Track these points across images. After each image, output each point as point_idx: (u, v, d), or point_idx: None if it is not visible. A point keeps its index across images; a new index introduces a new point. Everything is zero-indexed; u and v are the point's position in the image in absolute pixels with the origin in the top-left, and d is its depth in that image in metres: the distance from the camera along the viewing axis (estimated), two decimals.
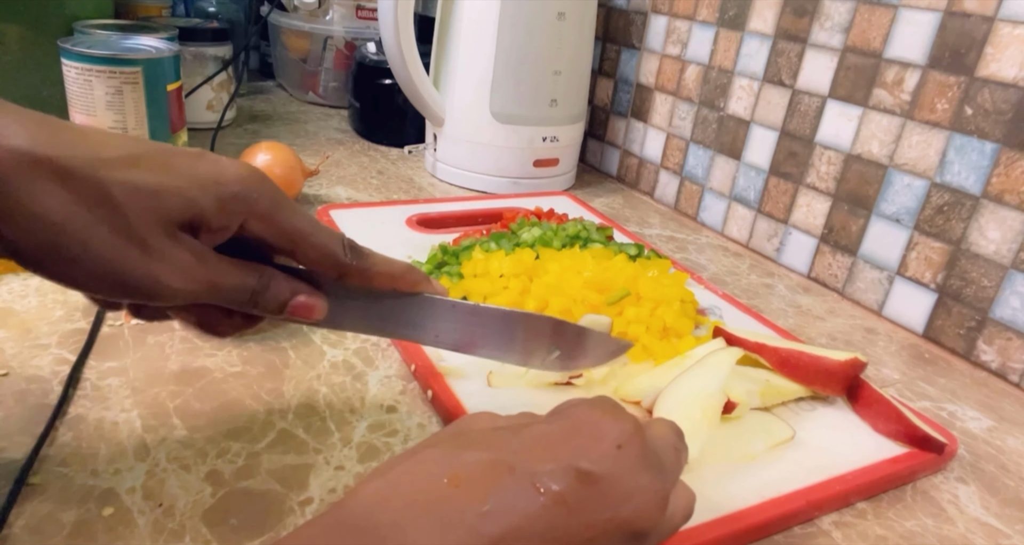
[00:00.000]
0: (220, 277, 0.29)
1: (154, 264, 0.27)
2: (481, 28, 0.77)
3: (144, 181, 0.26)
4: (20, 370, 0.42)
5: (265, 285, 0.31)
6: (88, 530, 0.32)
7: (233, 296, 0.30)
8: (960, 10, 0.55)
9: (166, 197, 0.27)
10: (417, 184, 0.83)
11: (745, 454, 0.40)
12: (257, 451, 0.38)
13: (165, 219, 0.27)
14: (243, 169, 0.29)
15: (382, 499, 0.24)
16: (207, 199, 0.28)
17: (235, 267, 0.30)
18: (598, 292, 0.49)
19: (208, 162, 0.29)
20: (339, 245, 0.32)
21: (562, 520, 0.24)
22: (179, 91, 0.66)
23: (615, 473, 0.25)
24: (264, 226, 0.30)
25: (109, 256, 0.26)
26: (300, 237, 0.31)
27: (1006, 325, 0.54)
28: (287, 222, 0.30)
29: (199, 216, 0.28)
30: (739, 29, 0.74)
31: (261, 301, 0.31)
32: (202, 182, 0.28)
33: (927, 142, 0.58)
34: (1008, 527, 0.39)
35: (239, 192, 0.29)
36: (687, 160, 0.83)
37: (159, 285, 0.27)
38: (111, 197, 0.25)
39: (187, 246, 0.28)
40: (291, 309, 0.32)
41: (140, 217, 0.26)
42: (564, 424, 0.27)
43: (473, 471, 0.24)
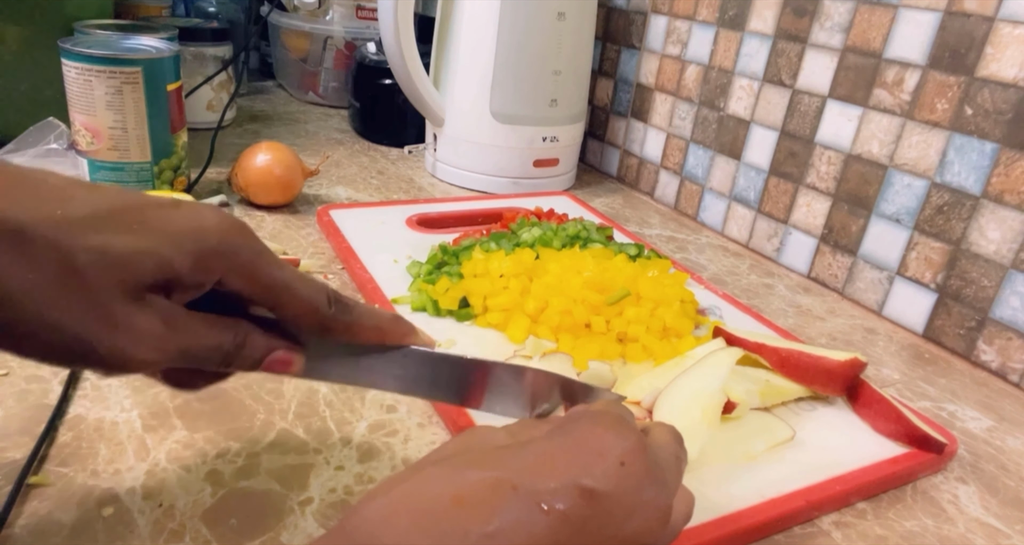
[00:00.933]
0: (191, 341, 0.27)
1: (120, 337, 0.24)
2: (481, 28, 0.77)
3: (111, 246, 0.24)
4: (20, 370, 0.42)
5: (240, 344, 0.28)
6: (88, 530, 0.32)
7: (206, 359, 0.28)
8: (960, 10, 0.55)
9: (136, 261, 0.24)
10: (417, 184, 0.83)
11: (745, 454, 0.40)
12: (257, 451, 0.38)
13: (133, 284, 0.24)
14: (224, 220, 0.27)
15: (385, 519, 0.23)
16: (181, 257, 0.25)
17: (208, 327, 0.27)
18: (598, 292, 0.49)
19: (183, 214, 0.27)
20: (323, 298, 0.29)
21: (566, 539, 0.24)
22: (179, 91, 0.66)
23: (618, 490, 0.25)
24: (243, 281, 0.27)
25: (71, 330, 0.23)
26: (282, 291, 0.28)
27: (1006, 325, 0.54)
28: (268, 276, 0.28)
29: (173, 275, 0.25)
30: (739, 29, 0.74)
31: (235, 360, 0.28)
32: (177, 238, 0.26)
33: (927, 142, 0.58)
34: (1008, 527, 0.39)
35: (217, 246, 0.26)
36: (687, 160, 0.83)
37: (125, 358, 0.25)
38: (73, 264, 0.23)
39: (157, 311, 0.25)
40: (267, 365, 0.29)
41: (105, 285, 0.24)
42: (567, 440, 0.27)
43: (477, 490, 0.24)
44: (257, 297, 0.28)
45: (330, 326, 0.30)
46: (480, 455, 0.26)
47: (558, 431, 0.28)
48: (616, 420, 0.28)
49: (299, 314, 0.29)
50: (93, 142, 0.62)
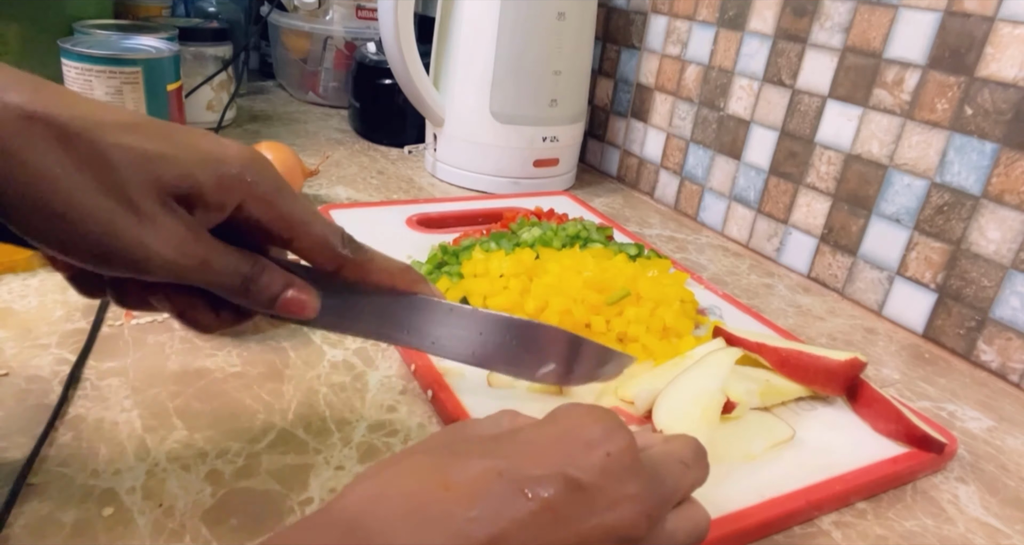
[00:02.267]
0: (213, 255, 0.28)
1: (145, 230, 0.25)
2: (481, 28, 0.77)
3: (142, 146, 0.25)
4: (20, 370, 0.42)
5: (259, 272, 0.29)
6: (88, 530, 0.32)
7: (224, 280, 0.28)
8: (960, 10, 0.55)
9: (163, 164, 0.26)
10: (417, 184, 0.83)
11: (745, 454, 0.40)
12: (257, 451, 0.38)
13: (160, 186, 0.26)
14: (245, 151, 0.28)
15: (371, 500, 0.24)
16: (206, 174, 0.27)
17: (229, 250, 0.29)
18: (598, 292, 0.49)
19: (210, 140, 0.28)
20: (337, 237, 0.31)
21: (549, 526, 0.24)
22: (179, 91, 0.66)
23: (603, 482, 0.25)
24: (263, 209, 0.29)
25: (99, 217, 0.25)
26: (299, 224, 0.30)
27: (1006, 325, 0.54)
28: (286, 208, 0.29)
29: (196, 190, 0.26)
30: (739, 29, 0.74)
31: (253, 289, 0.29)
32: (202, 156, 0.27)
33: (927, 142, 0.58)
34: (1008, 527, 0.39)
35: (240, 172, 0.28)
36: (687, 160, 0.83)
37: (148, 253, 0.26)
38: (106, 158, 0.25)
39: (181, 218, 0.26)
40: (282, 302, 0.30)
41: (134, 181, 0.25)
42: (555, 430, 0.27)
43: (463, 475, 0.24)
44: (274, 229, 0.29)
45: (343, 263, 0.31)
46: (467, 445, 0.27)
47: (548, 420, 0.28)
48: (606, 413, 0.28)
49: (314, 248, 0.30)
50: None
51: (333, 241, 0.31)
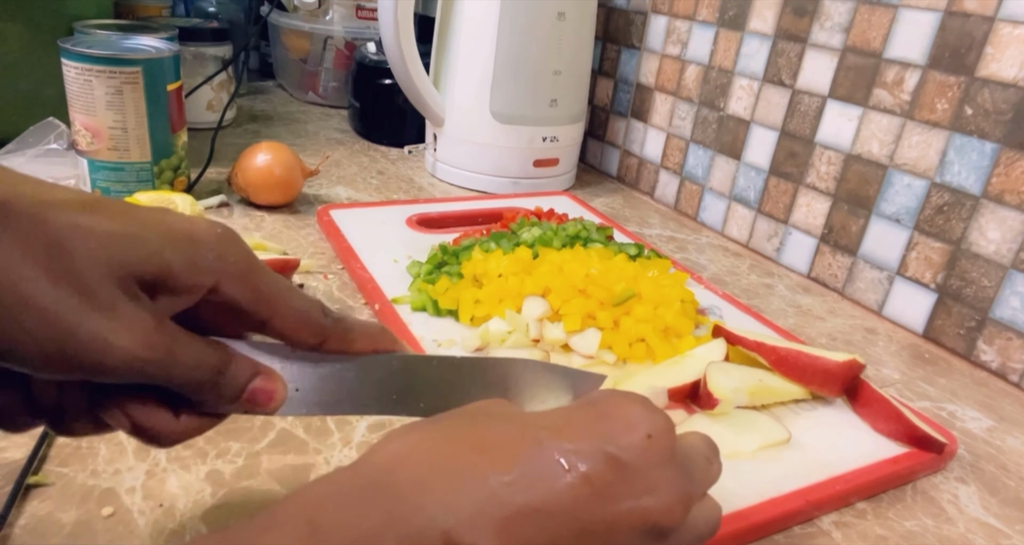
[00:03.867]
0: (180, 347, 0.24)
1: (103, 322, 0.22)
2: (481, 28, 0.77)
3: (100, 226, 0.22)
4: None
5: (227, 361, 0.26)
6: (88, 530, 0.32)
7: (192, 373, 0.25)
8: (960, 10, 0.55)
9: (126, 245, 0.23)
10: (417, 184, 0.83)
11: (733, 452, 0.40)
12: (257, 451, 0.38)
13: (122, 271, 0.22)
14: (216, 227, 0.26)
15: (402, 459, 0.23)
16: (176, 254, 0.24)
17: (194, 338, 0.25)
18: (601, 288, 0.49)
19: (176, 217, 0.25)
20: (317, 309, 0.28)
21: (585, 502, 0.23)
22: (179, 91, 0.66)
23: (642, 463, 0.25)
24: (239, 288, 0.26)
25: (52, 311, 0.21)
26: (278, 299, 0.27)
27: (1006, 325, 0.54)
28: (265, 283, 0.26)
29: (165, 272, 0.23)
30: (739, 29, 0.74)
31: (222, 381, 0.26)
32: (170, 234, 0.24)
33: (927, 142, 0.58)
34: (1008, 527, 0.39)
35: (212, 248, 0.25)
36: (687, 160, 0.83)
37: (107, 349, 0.22)
38: (58, 242, 0.21)
39: (144, 306, 0.23)
40: (250, 393, 0.27)
41: (91, 266, 0.22)
42: (595, 409, 0.26)
43: (499, 440, 0.24)
44: (253, 306, 0.26)
45: (327, 335, 0.28)
46: (503, 412, 0.26)
47: (586, 401, 0.27)
48: (645, 399, 0.27)
49: (296, 323, 0.28)
50: (93, 142, 0.62)
51: (314, 314, 0.28)
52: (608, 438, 0.25)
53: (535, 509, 0.22)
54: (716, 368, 0.44)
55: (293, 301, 0.27)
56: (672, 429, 0.27)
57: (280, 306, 0.27)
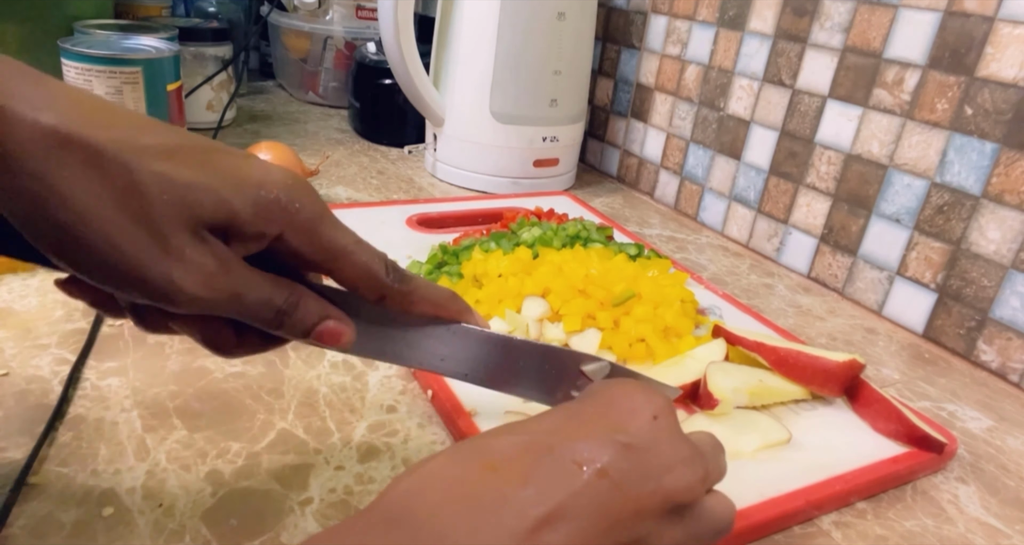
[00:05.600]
0: (244, 289, 0.26)
1: (173, 265, 0.24)
2: (481, 28, 0.77)
3: (177, 174, 0.24)
4: (20, 370, 0.42)
5: (294, 304, 0.28)
6: (88, 530, 0.32)
7: (256, 312, 0.27)
8: (960, 10, 0.55)
9: (199, 194, 0.24)
10: (417, 184, 0.83)
11: (735, 452, 0.40)
12: (257, 451, 0.38)
13: (194, 217, 0.24)
14: (288, 176, 0.27)
15: (416, 492, 0.23)
16: (243, 203, 0.25)
17: (263, 280, 0.27)
18: (601, 288, 0.49)
19: (251, 164, 0.27)
20: (382, 265, 0.29)
21: (607, 495, 0.23)
22: (179, 91, 0.66)
23: (654, 444, 0.25)
24: (304, 239, 0.27)
25: (128, 249, 0.24)
26: (342, 254, 0.28)
27: (1006, 325, 0.54)
28: (329, 237, 0.28)
29: (232, 220, 0.25)
30: (739, 29, 0.74)
31: (287, 322, 0.28)
32: (241, 184, 0.26)
33: (927, 142, 0.58)
34: (1008, 527, 0.39)
35: (280, 199, 0.26)
36: (687, 160, 0.83)
37: (174, 288, 0.24)
38: (140, 187, 0.23)
39: (212, 250, 0.25)
40: (317, 333, 0.28)
41: (167, 212, 0.24)
42: (596, 401, 0.27)
43: (509, 455, 0.24)
44: (316, 257, 0.28)
45: (387, 294, 0.30)
46: (506, 427, 0.26)
47: (584, 397, 0.28)
48: (642, 383, 0.28)
49: (357, 278, 0.29)
50: None
51: (377, 271, 0.29)
52: (616, 428, 0.25)
53: (559, 515, 0.22)
54: (716, 368, 0.44)
55: (355, 256, 0.28)
56: (672, 405, 0.27)
57: (342, 260, 0.28)
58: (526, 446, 0.24)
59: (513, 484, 0.23)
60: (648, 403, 0.26)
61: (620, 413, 0.26)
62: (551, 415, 0.26)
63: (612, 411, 0.26)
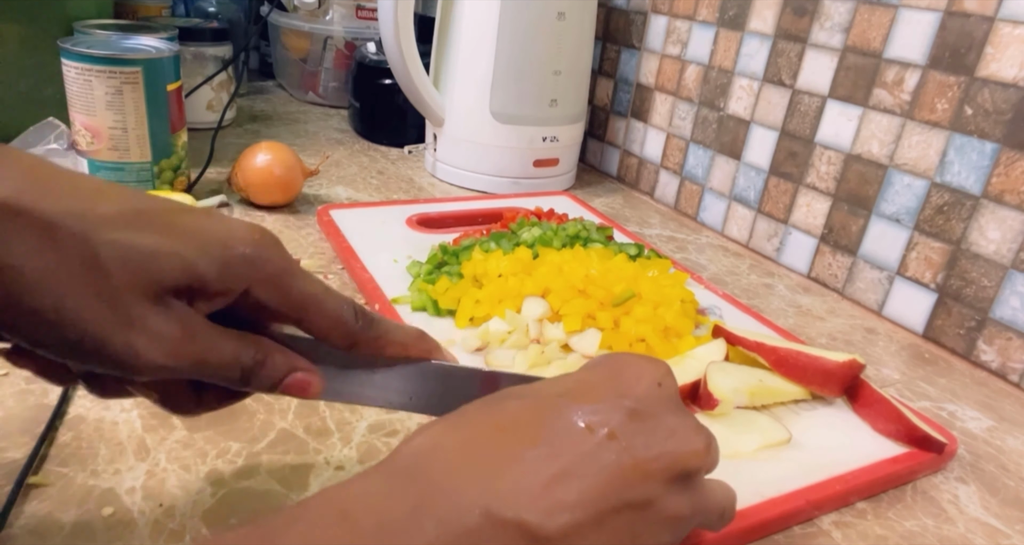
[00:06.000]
0: (209, 353, 0.26)
1: (135, 336, 0.24)
2: (481, 28, 0.77)
3: (137, 242, 0.24)
4: (20, 370, 0.42)
5: (260, 362, 0.27)
6: (88, 530, 0.32)
7: (222, 374, 0.27)
8: (960, 10, 0.55)
9: (160, 261, 0.24)
10: (417, 184, 0.83)
11: (734, 452, 0.40)
12: (257, 451, 0.38)
13: (155, 285, 0.24)
14: (253, 231, 0.27)
15: (429, 449, 0.24)
16: (208, 263, 0.25)
17: (228, 340, 0.26)
18: (601, 288, 0.49)
19: (215, 222, 0.26)
20: (351, 312, 0.29)
21: (616, 456, 0.24)
22: (179, 91, 0.66)
23: (659, 409, 0.26)
24: (271, 292, 0.27)
25: (86, 322, 0.23)
26: (311, 304, 0.28)
27: (1006, 325, 0.54)
28: (297, 288, 0.27)
29: (197, 281, 0.25)
30: (739, 29, 0.74)
31: (254, 379, 0.27)
32: (205, 243, 0.25)
33: (927, 142, 0.58)
34: (1008, 527, 0.39)
35: (247, 254, 0.26)
36: (687, 160, 0.83)
37: (137, 359, 0.24)
38: (96, 259, 0.23)
39: (176, 316, 0.25)
40: (285, 387, 0.28)
41: (126, 282, 0.23)
42: (602, 369, 0.27)
43: (520, 416, 0.25)
44: (284, 309, 0.27)
45: (357, 340, 0.29)
46: (515, 391, 0.27)
47: (588, 367, 0.28)
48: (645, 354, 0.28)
49: (326, 327, 0.28)
50: (93, 142, 0.62)
51: (347, 318, 0.29)
52: (623, 393, 0.26)
53: (570, 473, 0.23)
54: (716, 368, 0.44)
55: (324, 305, 0.28)
56: (674, 376, 0.28)
57: (311, 310, 0.28)
58: (535, 408, 0.25)
59: (525, 444, 0.24)
60: (653, 370, 0.27)
61: (626, 379, 0.26)
62: (557, 381, 0.27)
63: (618, 378, 0.27)
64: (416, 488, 0.22)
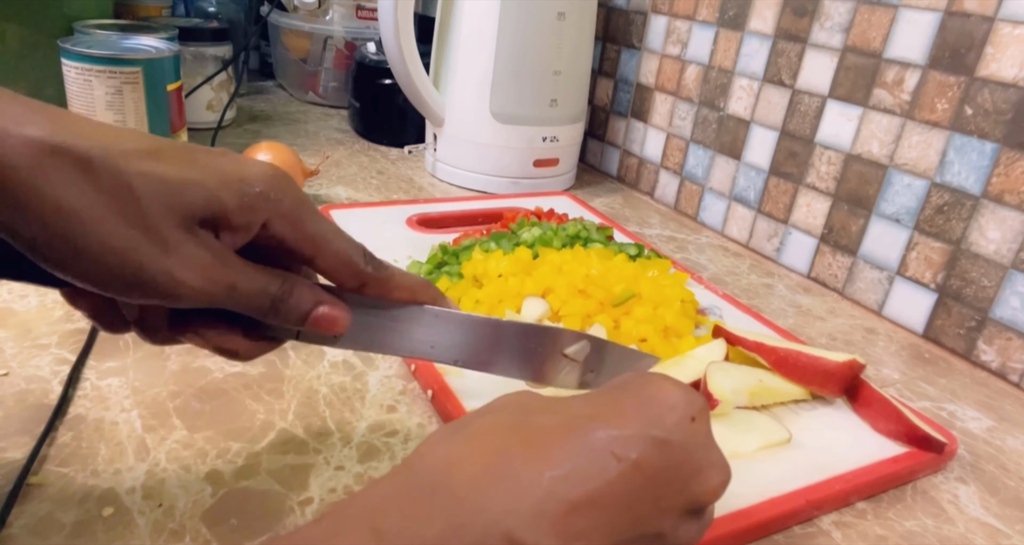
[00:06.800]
0: (240, 279, 0.27)
1: (171, 260, 0.25)
2: (481, 28, 0.77)
3: (165, 173, 0.25)
4: (20, 370, 0.42)
5: (288, 291, 0.28)
6: (88, 530, 0.32)
7: (253, 302, 0.28)
8: (960, 10, 0.55)
9: (187, 190, 0.25)
10: (417, 184, 0.83)
11: (734, 452, 0.40)
12: (257, 451, 0.38)
13: (185, 213, 0.25)
14: (267, 168, 0.28)
15: (455, 460, 0.24)
16: (230, 195, 0.26)
17: (257, 270, 0.28)
18: (601, 288, 0.49)
19: (232, 160, 0.28)
20: (360, 253, 0.30)
21: (638, 488, 0.24)
22: (179, 91, 0.66)
23: (689, 444, 0.25)
24: (287, 227, 0.28)
25: (125, 250, 0.24)
26: (322, 242, 0.29)
27: (1006, 325, 0.54)
28: (310, 225, 0.29)
29: (221, 212, 0.26)
30: (739, 29, 0.74)
31: (283, 309, 0.29)
32: (225, 178, 0.26)
33: (927, 142, 0.58)
34: (1008, 527, 0.39)
35: (263, 190, 0.27)
36: (687, 160, 0.83)
37: (174, 282, 0.25)
38: (130, 188, 0.24)
39: (206, 243, 0.26)
40: (314, 319, 0.29)
41: (159, 210, 0.25)
42: (635, 394, 0.27)
43: (546, 434, 0.24)
44: (298, 245, 0.29)
45: (365, 280, 0.31)
46: (542, 404, 0.27)
47: (619, 387, 0.28)
48: (681, 382, 0.28)
49: (336, 265, 0.30)
50: None
51: (355, 258, 0.30)
52: (654, 422, 0.25)
53: (591, 502, 0.23)
54: (716, 368, 0.44)
55: (335, 243, 0.29)
56: (708, 410, 0.27)
57: (322, 247, 0.29)
58: (565, 428, 0.25)
59: (549, 464, 0.23)
60: (689, 404, 0.26)
61: (660, 408, 0.26)
62: (591, 400, 0.27)
63: (652, 405, 0.26)
64: (444, 504, 0.22)
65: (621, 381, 0.28)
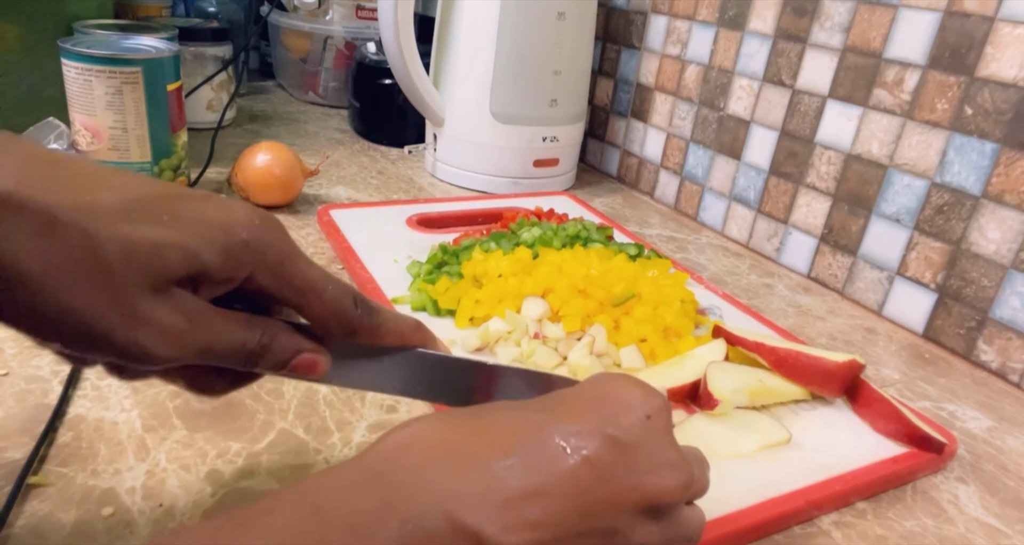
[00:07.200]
0: (215, 340, 0.26)
1: (139, 329, 0.23)
2: (481, 28, 0.77)
3: (140, 235, 0.23)
4: (20, 370, 0.42)
5: (266, 345, 0.27)
6: (88, 530, 0.32)
7: (230, 358, 0.27)
8: (960, 10, 0.55)
9: (163, 253, 0.24)
10: (417, 184, 0.83)
11: (735, 452, 0.40)
12: (257, 451, 0.38)
13: (159, 277, 0.24)
14: (253, 215, 0.26)
15: (403, 447, 0.24)
16: (211, 251, 0.25)
17: (234, 325, 0.27)
18: (601, 288, 0.49)
19: (215, 207, 0.26)
20: (350, 300, 0.29)
21: (587, 484, 0.24)
22: (179, 91, 0.66)
23: (643, 443, 0.25)
24: (272, 279, 0.27)
25: (89, 317, 0.23)
26: (310, 292, 0.28)
27: (1006, 325, 0.54)
28: (297, 275, 0.27)
29: (200, 270, 0.25)
30: (739, 29, 0.74)
31: (260, 362, 0.28)
32: (207, 231, 0.25)
33: (927, 142, 0.58)
34: (1008, 527, 0.39)
35: (248, 241, 0.26)
36: (687, 160, 0.83)
37: (143, 352, 0.24)
38: (98, 253, 0.22)
39: (180, 306, 0.24)
40: (292, 367, 0.28)
41: (129, 276, 0.23)
42: (593, 392, 0.27)
43: (499, 426, 0.24)
44: (285, 296, 0.27)
45: (355, 328, 0.29)
46: (506, 404, 0.27)
47: (584, 385, 0.28)
48: (642, 382, 0.28)
49: (325, 315, 0.28)
50: (93, 142, 0.62)
51: (345, 306, 0.29)
52: (608, 420, 0.25)
53: (538, 492, 0.23)
54: (716, 368, 0.44)
55: (324, 293, 0.28)
56: (669, 408, 0.27)
57: (310, 297, 0.28)
58: (517, 421, 0.25)
59: (498, 453, 0.23)
60: (645, 402, 0.26)
61: (615, 406, 0.26)
62: (547, 398, 0.27)
63: (608, 403, 0.26)
64: (383, 484, 0.22)
65: (587, 381, 0.28)
